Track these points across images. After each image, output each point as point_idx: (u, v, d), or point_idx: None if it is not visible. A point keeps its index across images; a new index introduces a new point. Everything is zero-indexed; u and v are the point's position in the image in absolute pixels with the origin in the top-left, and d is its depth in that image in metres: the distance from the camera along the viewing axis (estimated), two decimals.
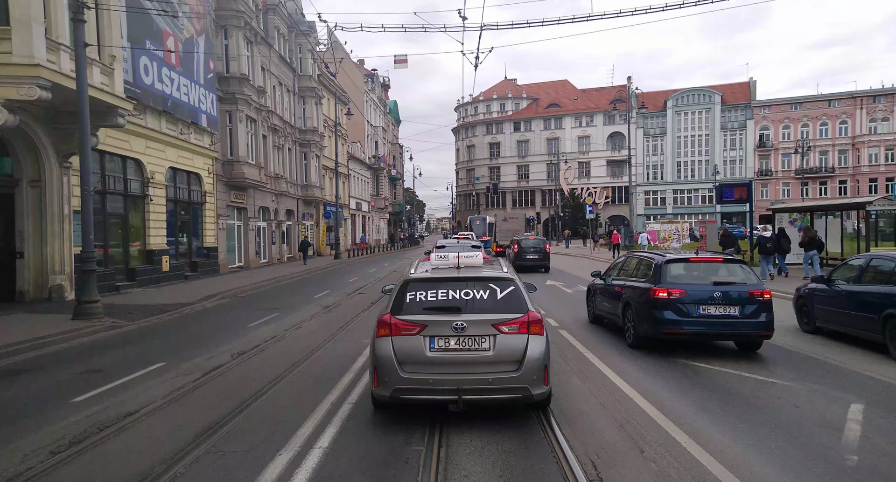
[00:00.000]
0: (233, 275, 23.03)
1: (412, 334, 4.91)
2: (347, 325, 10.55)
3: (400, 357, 4.87)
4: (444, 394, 4.78)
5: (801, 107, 69.08)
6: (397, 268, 27.24)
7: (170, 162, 19.89)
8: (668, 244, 34.74)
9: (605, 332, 9.65)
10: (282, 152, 33.15)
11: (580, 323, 10.66)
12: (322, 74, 41.04)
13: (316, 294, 16.32)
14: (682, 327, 7.59)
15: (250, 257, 27.36)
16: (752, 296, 7.59)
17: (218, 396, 6.14)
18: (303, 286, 19.23)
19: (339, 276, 23.15)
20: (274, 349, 8.66)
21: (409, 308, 5.09)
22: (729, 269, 8.14)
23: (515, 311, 5.06)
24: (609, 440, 4.70)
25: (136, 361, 7.80)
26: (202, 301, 14.80)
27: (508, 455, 4.41)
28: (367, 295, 15.75)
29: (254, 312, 12.57)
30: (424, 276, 5.43)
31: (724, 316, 7.57)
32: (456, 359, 4.89)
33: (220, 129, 24.09)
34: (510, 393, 4.87)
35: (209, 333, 10.10)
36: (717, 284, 7.73)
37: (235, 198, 25.71)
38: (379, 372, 4.94)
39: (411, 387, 4.82)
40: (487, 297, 5.15)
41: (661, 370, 7.05)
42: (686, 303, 7.60)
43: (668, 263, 8.13)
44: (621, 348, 8.34)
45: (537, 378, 4.88)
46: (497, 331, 4.90)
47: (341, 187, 47.70)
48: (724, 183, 25.95)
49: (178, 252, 20.90)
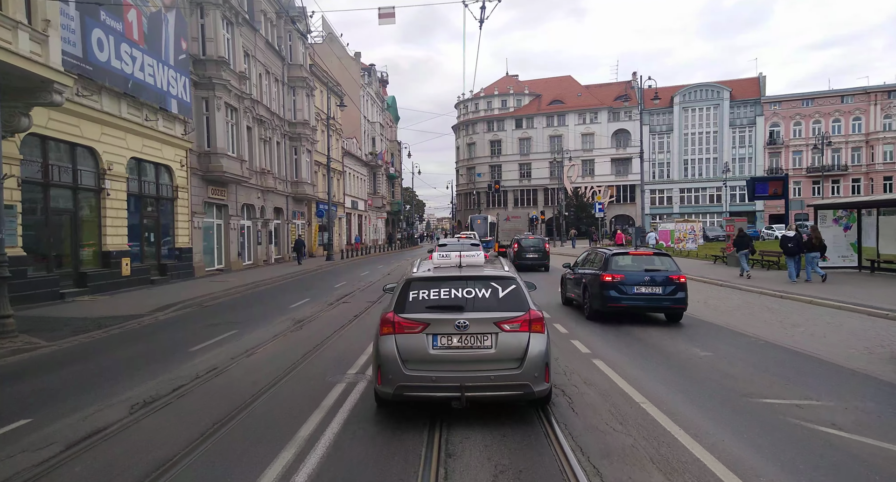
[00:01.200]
0: (208, 279, 20.73)
1: (415, 332, 4.95)
2: (315, 351, 8.21)
3: (403, 355, 4.89)
4: (447, 392, 4.81)
5: (812, 103, 66.84)
6: (392, 271, 24.95)
7: (132, 152, 17.59)
8: (682, 245, 32.41)
9: (571, 310, 12.20)
10: (269, 146, 30.85)
11: (555, 305, 13.02)
12: (314, 64, 38.73)
13: (293, 303, 14.02)
14: (621, 302, 10.08)
15: (231, 259, 25.07)
16: (672, 280, 10.08)
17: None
18: (281, 293, 16.94)
19: (325, 280, 20.85)
20: (199, 394, 6.23)
21: (412, 306, 5.12)
22: (657, 260, 10.68)
23: (517, 310, 5.10)
24: (560, 373, 6.67)
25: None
26: (155, 312, 12.51)
27: None
28: (352, 305, 13.44)
29: (207, 330, 10.26)
30: (427, 275, 5.45)
31: (651, 294, 10.08)
32: (458, 356, 4.93)
33: (196, 118, 21.79)
34: (512, 390, 4.91)
35: (133, 363, 7.74)
36: (648, 271, 10.22)
37: (214, 194, 23.41)
38: (382, 369, 4.95)
39: (415, 385, 4.84)
40: (489, 296, 5.20)
41: (601, 331, 9.70)
42: (625, 285, 10.07)
43: (614, 255, 10.70)
44: (581, 320, 10.84)
45: (538, 375, 4.94)
46: (499, 330, 4.95)
47: (336, 185, 45.42)
48: (758, 177, 23.66)
49: (144, 254, 18.59)
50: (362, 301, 14.13)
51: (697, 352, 7.92)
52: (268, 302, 14.72)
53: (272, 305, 13.85)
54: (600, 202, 34.16)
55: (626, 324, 10.18)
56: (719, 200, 69.06)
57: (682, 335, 9.27)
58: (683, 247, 32.29)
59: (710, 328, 9.81)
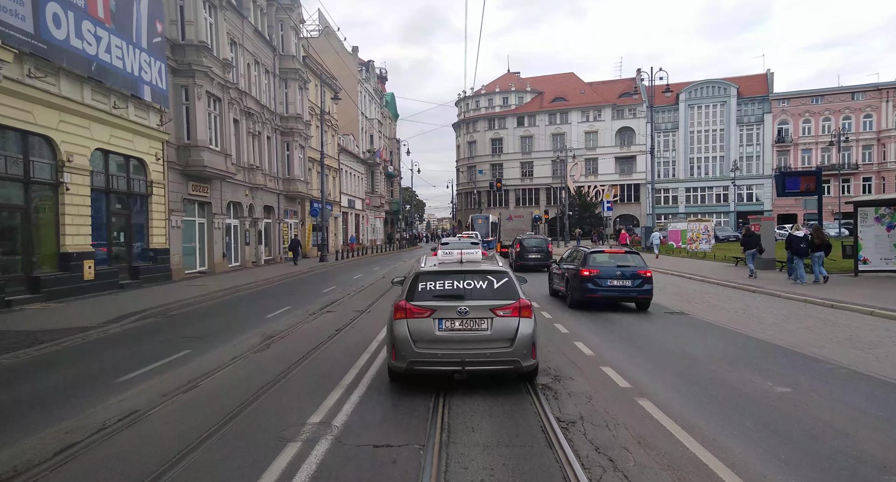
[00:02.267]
0: (186, 282, 19.00)
1: (424, 317, 5.84)
2: (274, 385, 6.33)
3: (414, 336, 5.79)
4: (451, 366, 5.74)
5: (822, 99, 65.05)
6: (387, 274, 23.22)
7: (98, 142, 15.87)
8: (695, 245, 30.65)
9: (556, 300, 13.60)
10: (258, 140, 29.13)
11: (543, 296, 14.43)
12: (308, 56, 37.00)
13: (270, 312, 12.29)
14: (597, 293, 11.66)
15: (215, 260, 23.33)
16: (639, 274, 11.65)
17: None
18: (262, 299, 15.21)
19: (314, 284, 19.13)
20: (72, 472, 4.18)
21: (421, 295, 6.02)
22: (628, 258, 12.24)
23: (509, 298, 5.99)
24: (558, 364, 7.28)
25: None
26: (109, 324, 10.79)
27: None
28: (336, 316, 11.69)
29: (156, 348, 8.53)
30: (433, 269, 6.35)
31: (622, 286, 11.65)
32: (460, 337, 5.82)
33: (173, 107, 20.07)
34: (504, 364, 5.84)
35: (35, 401, 5.93)
36: (620, 267, 11.80)
37: (195, 190, 21.68)
38: (396, 348, 5.83)
39: (423, 360, 5.76)
40: (486, 287, 6.09)
41: (580, 317, 11.15)
42: (600, 278, 11.62)
43: (591, 253, 12.26)
44: (564, 308, 12.26)
45: (526, 353, 5.85)
46: (494, 315, 5.85)
47: (331, 183, 43.69)
48: (788, 172, 21.94)
49: (112, 255, 16.86)
50: (349, 310, 12.39)
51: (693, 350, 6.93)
52: (243, 310, 12.99)
53: (246, 315, 12.12)
54: (609, 200, 32.39)
55: (596, 309, 11.90)
56: (726, 200, 67.33)
57: (646, 321, 10.47)
58: (697, 248, 30.53)
59: (749, 341, 8.17)
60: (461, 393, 5.86)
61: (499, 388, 6.04)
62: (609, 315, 11.31)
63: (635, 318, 10.83)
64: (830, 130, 63.93)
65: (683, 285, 16.88)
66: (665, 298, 13.75)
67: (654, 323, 10.36)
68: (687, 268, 21.58)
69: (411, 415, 5.22)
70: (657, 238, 30.46)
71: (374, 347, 8.18)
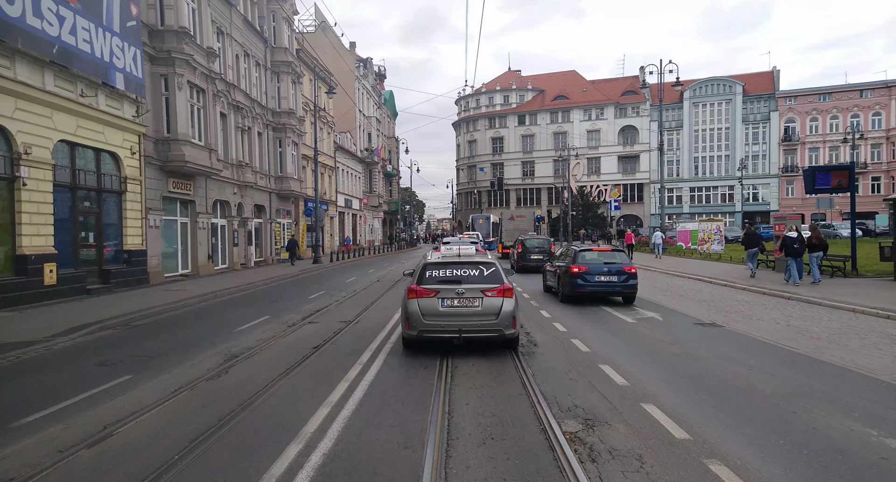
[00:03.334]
0: (164, 287, 17.54)
1: (430, 297, 7.53)
2: (216, 434, 4.76)
3: (423, 311, 7.48)
4: (451, 333, 7.40)
5: (830, 97, 63.59)
6: (383, 277, 21.77)
7: (63, 133, 14.42)
8: (707, 247, 29.18)
9: (549, 295, 14.60)
10: (248, 136, 27.67)
11: (538, 291, 15.38)
12: (302, 50, 35.54)
13: (245, 322, 10.82)
14: (585, 288, 12.71)
15: (199, 262, 21.86)
16: (625, 270, 12.72)
17: None
18: (239, 306, 13.75)
19: (303, 288, 17.67)
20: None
21: (428, 280, 7.73)
22: (615, 255, 13.43)
23: (495, 283, 7.70)
24: (538, 338, 8.82)
25: None
26: (59, 337, 9.34)
27: None
28: (318, 327, 10.21)
29: (94, 372, 7.05)
30: (437, 261, 8.14)
31: (609, 281, 12.69)
32: (458, 312, 7.50)
33: (151, 98, 18.61)
34: (491, 332, 7.51)
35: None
36: (606, 263, 12.92)
37: (177, 188, 20.21)
38: (410, 320, 7.54)
39: (430, 329, 7.46)
40: (477, 274, 7.82)
41: (569, 310, 12.13)
42: (588, 274, 12.71)
43: (581, 251, 13.47)
44: (556, 302, 13.35)
45: (508, 324, 7.50)
46: (483, 295, 7.53)
47: (327, 181, 42.23)
48: (818, 167, 20.62)
49: (79, 258, 15.39)
50: (334, 321, 10.92)
51: None
52: (214, 321, 11.52)
53: (216, 327, 10.64)
54: (616, 199, 30.91)
55: (584, 303, 12.94)
56: (731, 200, 65.92)
57: (678, 335, 9.65)
58: (708, 249, 29.07)
59: (815, 366, 6.68)
60: (460, 356, 7.51)
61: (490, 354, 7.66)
62: (631, 326, 10.09)
63: (664, 332, 9.38)
64: (838, 129, 62.62)
65: (706, 290, 15.43)
66: (691, 306, 12.31)
67: (687, 337, 8.92)
68: (703, 271, 20.14)
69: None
70: (659, 237, 29.71)
71: (355, 374, 6.65)
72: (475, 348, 7.83)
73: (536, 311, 11.78)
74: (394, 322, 10.48)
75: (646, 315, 11.19)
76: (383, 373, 6.76)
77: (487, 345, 7.88)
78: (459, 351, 7.68)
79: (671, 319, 10.66)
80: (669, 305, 12.54)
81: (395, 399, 5.63)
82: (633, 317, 11.03)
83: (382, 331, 9.51)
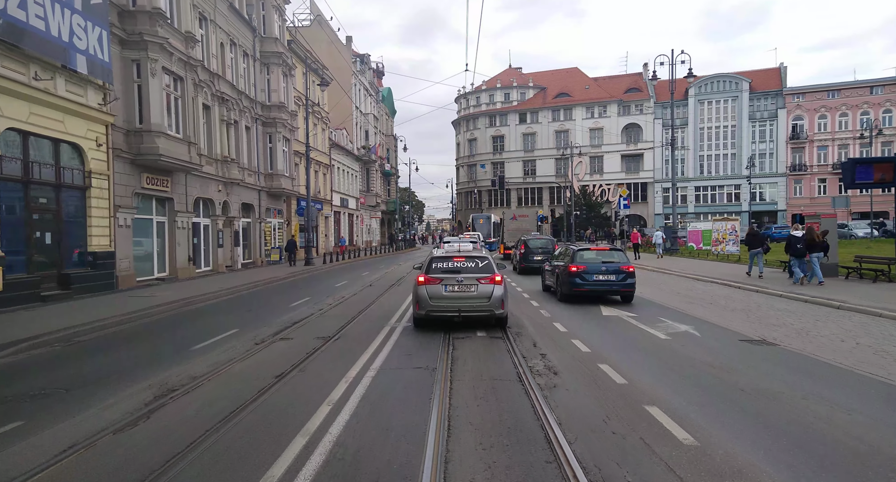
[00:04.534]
0: (133, 293, 15.89)
1: (436, 284, 9.31)
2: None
3: (430, 295, 9.26)
4: (452, 312, 9.22)
5: (839, 94, 61.90)
6: (376, 281, 20.14)
7: (11, 120, 12.76)
8: (721, 247, 27.50)
9: (548, 295, 14.82)
10: (236, 130, 26.04)
11: (537, 290, 15.75)
12: (294, 41, 33.89)
13: (206, 338, 9.14)
14: (584, 287, 12.75)
15: (178, 265, 20.20)
16: (622, 270, 12.79)
17: None
18: (208, 317, 12.11)
19: (287, 294, 16.03)
20: None
21: (434, 271, 9.53)
22: (612, 254, 13.45)
23: (488, 273, 9.46)
24: (534, 333, 9.35)
25: None
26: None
27: None
28: (291, 345, 8.54)
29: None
30: (442, 255, 10.02)
31: (607, 280, 12.76)
32: (457, 296, 9.27)
33: (122, 85, 16.97)
34: (484, 311, 9.28)
35: None
36: (605, 263, 12.97)
37: (151, 184, 18.56)
38: (420, 302, 9.36)
39: (436, 309, 9.26)
40: (474, 266, 9.58)
41: (566, 308, 12.21)
42: (587, 273, 12.76)
43: (579, 251, 13.58)
44: (554, 301, 13.40)
45: (498, 305, 9.27)
46: (478, 283, 9.30)
47: (321, 179, 40.60)
48: (860, 159, 18.95)
49: (32, 261, 13.71)
50: (311, 337, 9.25)
51: None
52: (172, 335, 9.87)
53: (170, 343, 9.00)
54: (625, 197, 29.30)
55: (583, 302, 12.93)
56: (737, 199, 64.25)
57: (722, 356, 8.19)
58: (723, 251, 27.39)
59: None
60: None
61: None
62: (665, 344, 8.44)
63: (707, 352, 7.73)
64: (847, 126, 60.99)
65: (736, 296, 13.80)
66: (728, 317, 10.65)
67: (740, 361, 7.25)
68: (723, 274, 18.53)
69: None
70: (659, 237, 29.01)
71: (317, 424, 4.90)
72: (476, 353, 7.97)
73: (548, 322, 10.52)
74: (381, 338, 8.86)
75: (678, 328, 9.54)
76: (361, 425, 4.91)
77: (481, 323, 9.64)
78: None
79: (710, 334, 9.01)
80: (701, 316, 10.89)
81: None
82: (663, 331, 9.39)
83: (366, 351, 7.87)
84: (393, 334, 9.22)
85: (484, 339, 8.75)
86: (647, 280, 17.74)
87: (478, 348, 8.16)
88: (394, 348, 8.12)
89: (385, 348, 8.10)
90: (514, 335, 9.06)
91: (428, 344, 8.40)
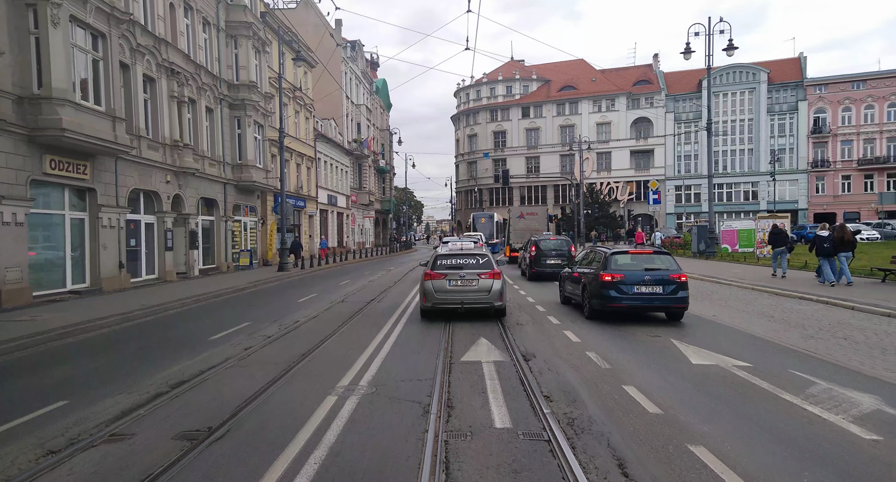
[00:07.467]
0: (14, 314, 11.65)
1: (441, 279, 10.32)
2: None
3: (435, 289, 10.30)
4: (455, 304, 10.24)
5: (864, 85, 57.82)
6: (352, 293, 15.95)
7: None
8: (769, 249, 23.29)
9: (569, 309, 12.14)
10: (193, 111, 21.87)
11: (553, 302, 13.21)
12: (269, 13, 29.67)
13: (34, 408, 4.95)
14: (621, 302, 9.97)
15: (104, 274, 15.96)
16: (672, 279, 9.98)
17: None
18: (81, 356, 7.93)
19: (223, 315, 11.78)
20: None
21: (439, 267, 10.57)
22: (657, 259, 10.63)
23: (488, 268, 10.47)
24: (564, 381, 6.31)
25: None
26: None
27: None
28: (149, 436, 4.38)
29: None
30: (446, 253, 11.14)
31: (651, 293, 9.98)
32: (460, 289, 10.25)
33: (15, 37, 12.75)
34: (484, 303, 10.26)
35: None
36: (647, 270, 10.19)
37: (59, 168, 14.30)
38: (426, 296, 10.37)
39: (440, 301, 10.29)
40: (475, 262, 10.65)
41: (600, 331, 9.45)
42: (624, 284, 9.99)
43: (613, 254, 10.67)
44: (581, 319, 10.66)
45: (497, 298, 10.26)
46: (479, 278, 10.28)
47: (305, 173, 36.36)
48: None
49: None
50: (163, 435, 5.02)
51: None
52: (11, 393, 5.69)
53: None
54: (655, 190, 25.27)
55: (622, 322, 10.31)
56: (755, 197, 60.17)
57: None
58: (768, 254, 23.17)
59: None
60: None
61: None
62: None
63: None
64: (873, 119, 56.97)
65: (855, 322, 9.59)
66: (837, 349, 6.43)
67: None
68: (789, 285, 14.40)
69: None
70: (658, 238, 28.28)
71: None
72: None
73: (579, 351, 7.69)
74: (325, 413, 4.66)
75: (859, 403, 5.29)
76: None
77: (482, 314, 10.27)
78: None
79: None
80: (857, 367, 6.62)
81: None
82: (844, 414, 4.99)
83: (278, 463, 3.68)
84: None
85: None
86: (699, 292, 13.64)
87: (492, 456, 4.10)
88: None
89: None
90: (535, 374, 6.57)
91: None
